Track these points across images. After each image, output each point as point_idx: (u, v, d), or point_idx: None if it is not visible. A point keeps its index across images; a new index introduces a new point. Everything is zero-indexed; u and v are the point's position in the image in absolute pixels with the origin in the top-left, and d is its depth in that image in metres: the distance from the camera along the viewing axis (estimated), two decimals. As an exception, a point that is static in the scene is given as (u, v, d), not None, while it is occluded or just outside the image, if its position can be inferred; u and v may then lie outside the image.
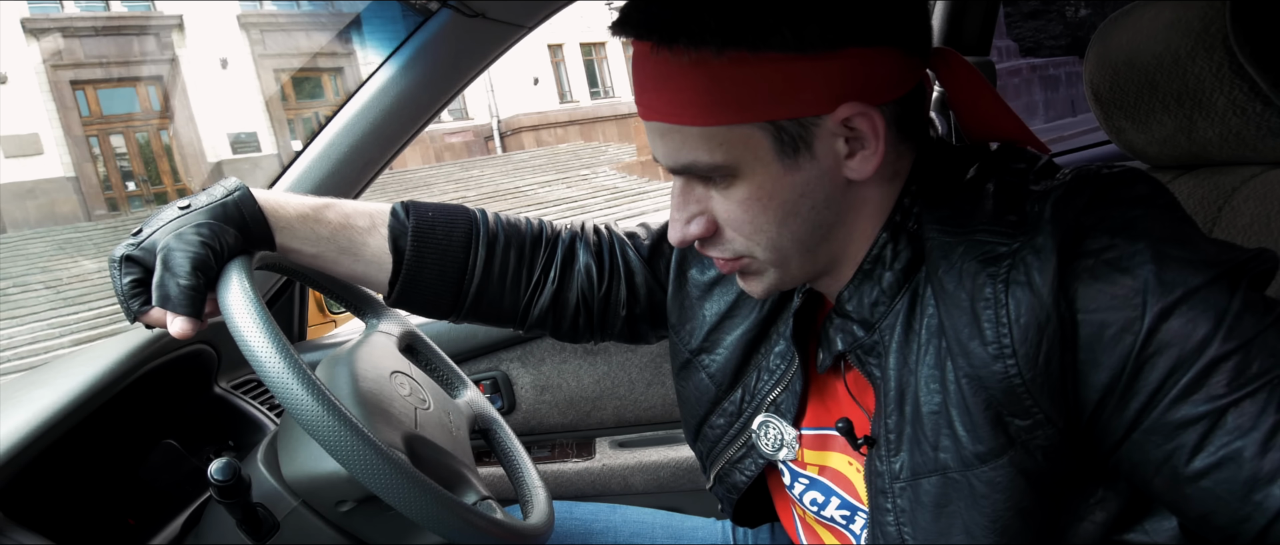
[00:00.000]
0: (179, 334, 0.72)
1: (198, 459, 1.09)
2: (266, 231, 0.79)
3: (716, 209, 0.66)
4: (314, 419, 0.65)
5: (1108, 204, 0.59)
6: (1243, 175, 0.91)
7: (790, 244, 0.66)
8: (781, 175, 0.62)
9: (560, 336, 0.97)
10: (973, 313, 0.59)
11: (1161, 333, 0.54)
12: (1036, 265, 0.57)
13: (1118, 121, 1.02)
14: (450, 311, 0.91)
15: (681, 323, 0.88)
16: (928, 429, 0.63)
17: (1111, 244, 0.56)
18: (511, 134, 21.19)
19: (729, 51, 0.58)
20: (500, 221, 0.92)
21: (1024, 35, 17.33)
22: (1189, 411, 0.54)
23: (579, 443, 1.68)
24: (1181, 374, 0.54)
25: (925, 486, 0.64)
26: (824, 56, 0.59)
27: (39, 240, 13.52)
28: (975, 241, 0.61)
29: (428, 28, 1.21)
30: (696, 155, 0.63)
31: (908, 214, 0.66)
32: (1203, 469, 0.55)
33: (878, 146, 0.62)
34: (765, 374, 0.80)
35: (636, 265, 0.94)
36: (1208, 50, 0.86)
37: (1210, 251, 0.56)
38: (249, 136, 17.87)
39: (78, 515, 0.94)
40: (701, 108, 0.60)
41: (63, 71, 16.25)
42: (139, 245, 0.73)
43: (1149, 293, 0.55)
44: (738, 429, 0.83)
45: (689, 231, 0.68)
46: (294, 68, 19.02)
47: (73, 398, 0.87)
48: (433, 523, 0.69)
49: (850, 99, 0.60)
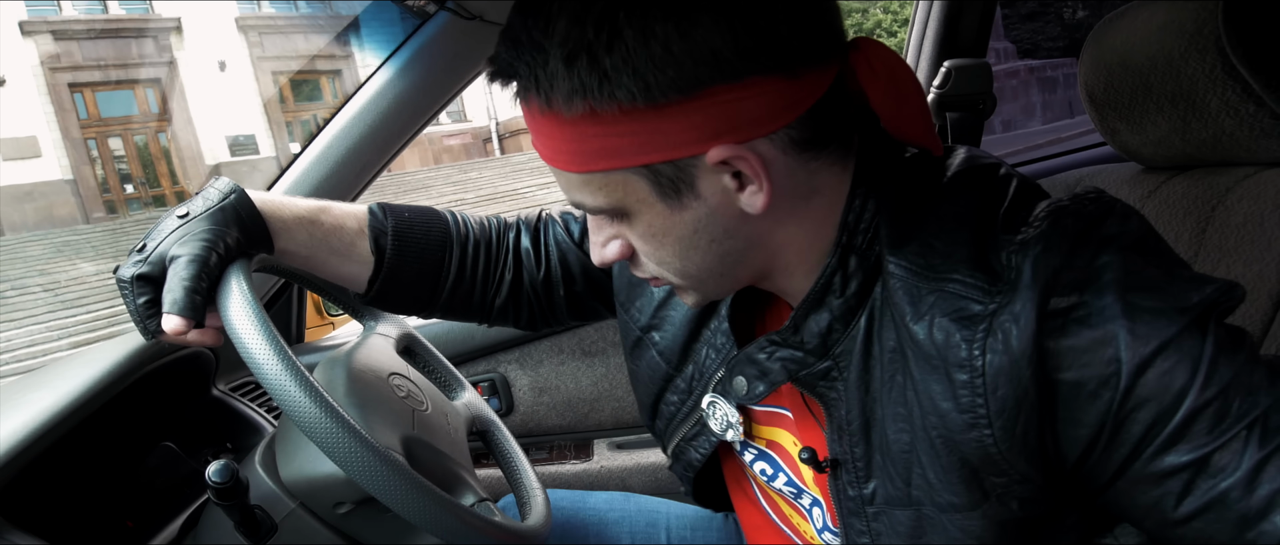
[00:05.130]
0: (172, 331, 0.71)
1: (196, 461, 1.09)
2: (263, 231, 0.79)
3: (627, 235, 0.66)
4: (311, 421, 0.65)
5: (1077, 253, 0.56)
6: (1236, 176, 0.92)
7: (700, 271, 0.65)
8: (668, 214, 0.60)
9: (521, 326, 1.00)
10: (946, 374, 0.57)
11: (1139, 388, 0.54)
12: (1015, 332, 0.55)
13: (1112, 123, 1.03)
14: (425, 308, 0.93)
15: (630, 300, 0.88)
16: (898, 464, 0.63)
17: (1080, 301, 0.54)
18: (510, 136, 21.16)
19: (580, 106, 0.55)
20: (469, 221, 0.94)
21: (1022, 37, 17.33)
22: (1173, 460, 0.54)
23: (577, 444, 1.68)
24: (1163, 426, 0.54)
25: (899, 516, 0.65)
26: (679, 103, 0.55)
27: (37, 243, 13.49)
28: (947, 293, 0.58)
29: (425, 30, 1.21)
30: (582, 198, 0.62)
31: (854, 232, 0.63)
32: (1192, 512, 0.54)
33: (764, 183, 0.58)
34: (713, 351, 0.80)
35: (567, 245, 0.95)
36: (1201, 52, 0.87)
37: (1179, 295, 0.54)
38: (247, 139, 17.85)
39: (76, 517, 0.94)
40: (572, 156, 0.59)
41: (61, 74, 16.23)
42: (147, 260, 0.72)
43: (1123, 348, 0.53)
44: (690, 407, 0.83)
45: (606, 255, 0.68)
46: (292, 70, 19.00)
47: (71, 400, 0.87)
48: (430, 524, 0.70)
49: (721, 141, 0.56)
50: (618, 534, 1.10)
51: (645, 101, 0.54)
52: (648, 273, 0.68)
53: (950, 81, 1.67)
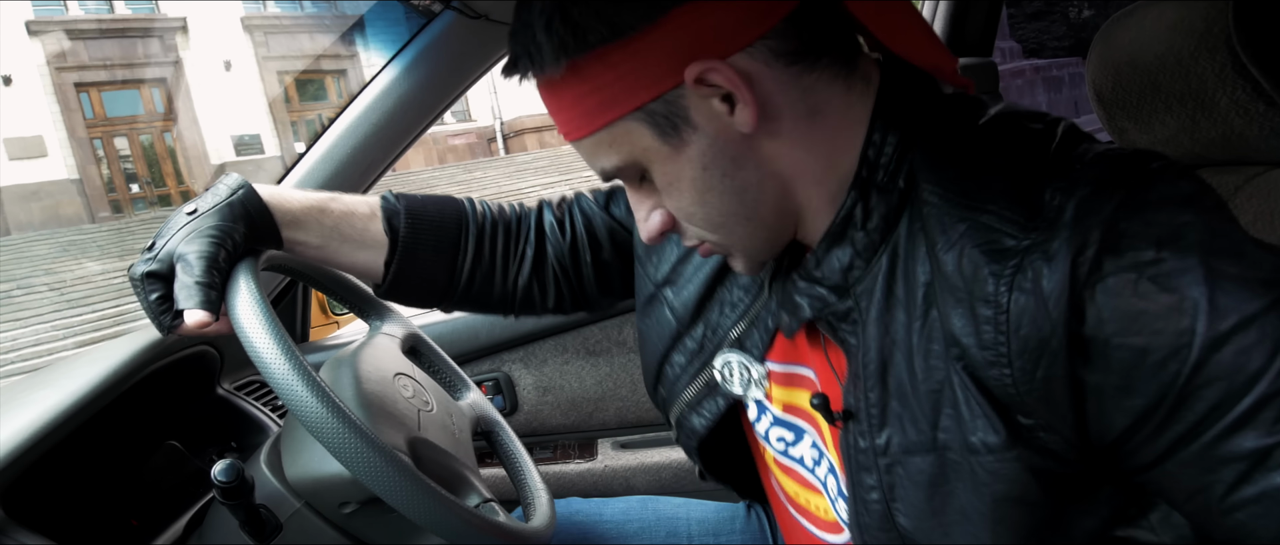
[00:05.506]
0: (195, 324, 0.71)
1: (201, 460, 1.09)
2: (272, 226, 0.79)
3: (664, 201, 0.67)
4: (317, 420, 0.65)
5: (1149, 206, 0.51)
6: (1245, 175, 0.91)
7: (725, 219, 0.65)
8: (675, 156, 0.61)
9: (548, 309, 0.99)
10: (970, 309, 0.55)
11: (1211, 364, 0.49)
12: (1046, 272, 0.51)
13: (1120, 122, 1.02)
14: (444, 296, 0.92)
15: (648, 255, 0.88)
16: (925, 405, 0.60)
17: (1158, 257, 0.49)
18: (515, 135, 21.18)
19: (564, 64, 0.59)
20: (486, 205, 0.95)
21: (1027, 36, 17.30)
22: (1234, 447, 0.49)
23: (581, 444, 1.68)
24: (1230, 408, 0.49)
25: (918, 464, 0.61)
26: (648, 32, 0.57)
27: (43, 242, 13.53)
28: (980, 224, 0.55)
29: (430, 30, 1.21)
30: (602, 162, 0.64)
31: (875, 167, 0.61)
32: (1240, 502, 0.50)
33: (748, 95, 0.57)
34: (728, 308, 0.79)
35: (593, 211, 0.97)
36: (1211, 51, 0.86)
37: (1267, 268, 0.49)
38: (252, 138, 17.90)
39: (81, 516, 0.94)
40: (576, 119, 0.62)
41: (67, 73, 16.30)
42: (155, 258, 0.73)
43: (1200, 318, 0.48)
44: (698, 366, 0.81)
45: (651, 226, 0.68)
46: (297, 70, 19.06)
47: (76, 399, 0.88)
48: (435, 525, 0.69)
49: (693, 59, 0.57)
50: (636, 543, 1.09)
51: (615, 38, 0.57)
52: (691, 238, 0.69)
53: (956, 81, 1.66)
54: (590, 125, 0.61)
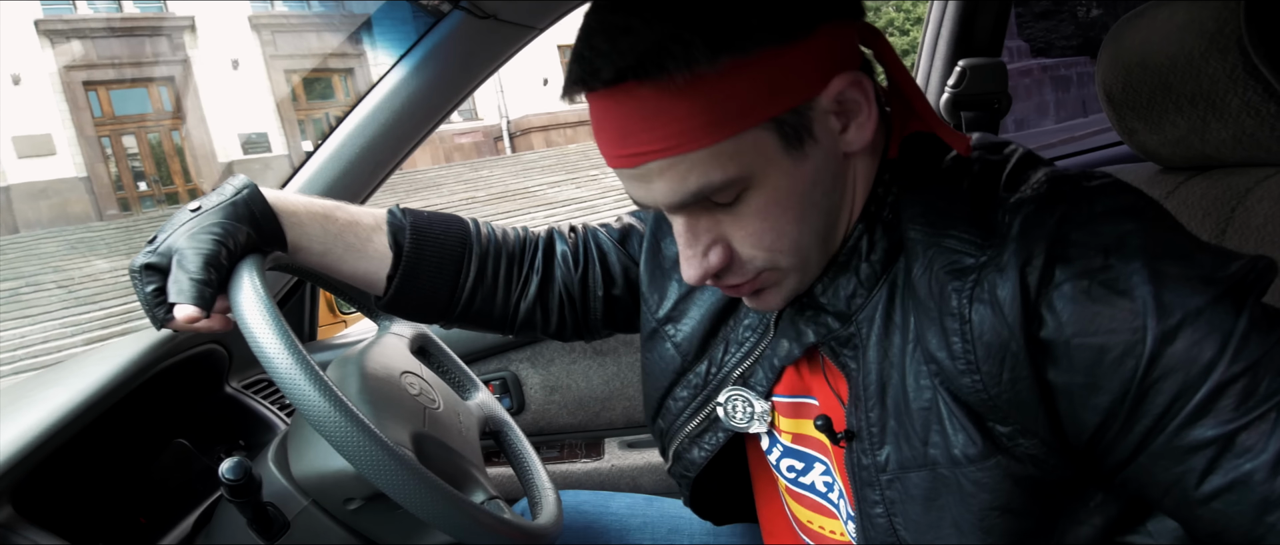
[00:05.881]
0: (183, 319, 0.72)
1: (209, 458, 1.09)
2: (277, 229, 0.79)
3: (729, 232, 0.64)
4: (322, 415, 0.65)
5: (1095, 218, 0.57)
6: (1256, 176, 0.91)
7: (811, 239, 0.65)
8: (793, 169, 0.61)
9: (549, 334, 0.99)
10: (940, 324, 0.60)
11: (1165, 357, 0.53)
12: (999, 283, 0.57)
13: (1130, 122, 1.02)
14: (444, 313, 0.92)
15: (651, 291, 0.88)
16: (917, 423, 0.63)
17: (1106, 263, 0.54)
18: (521, 134, 21.22)
19: (722, 61, 0.56)
20: (491, 229, 0.94)
21: (1035, 35, 17.24)
22: (1197, 435, 0.53)
23: (588, 443, 1.68)
24: (1188, 398, 0.53)
25: (914, 480, 0.64)
26: (806, 40, 0.58)
27: (51, 240, 13.59)
28: (945, 247, 0.61)
29: (439, 29, 1.21)
30: (707, 178, 0.59)
31: (882, 203, 0.66)
32: (1213, 492, 0.53)
33: (871, 110, 0.62)
34: (733, 346, 0.80)
35: (609, 246, 0.96)
36: (1222, 51, 0.86)
37: (1208, 266, 0.54)
38: (260, 137, 17.94)
39: (90, 514, 0.94)
40: (704, 127, 0.57)
41: (75, 72, 16.35)
42: (156, 251, 0.73)
43: (1149, 315, 0.53)
44: (700, 402, 0.82)
45: (710, 263, 0.64)
46: (305, 68, 19.09)
47: (85, 397, 0.88)
48: (440, 521, 0.70)
49: (838, 72, 0.60)
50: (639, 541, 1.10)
51: (780, 42, 0.58)
52: (750, 271, 0.66)
53: (965, 80, 1.66)
54: (721, 133, 0.58)
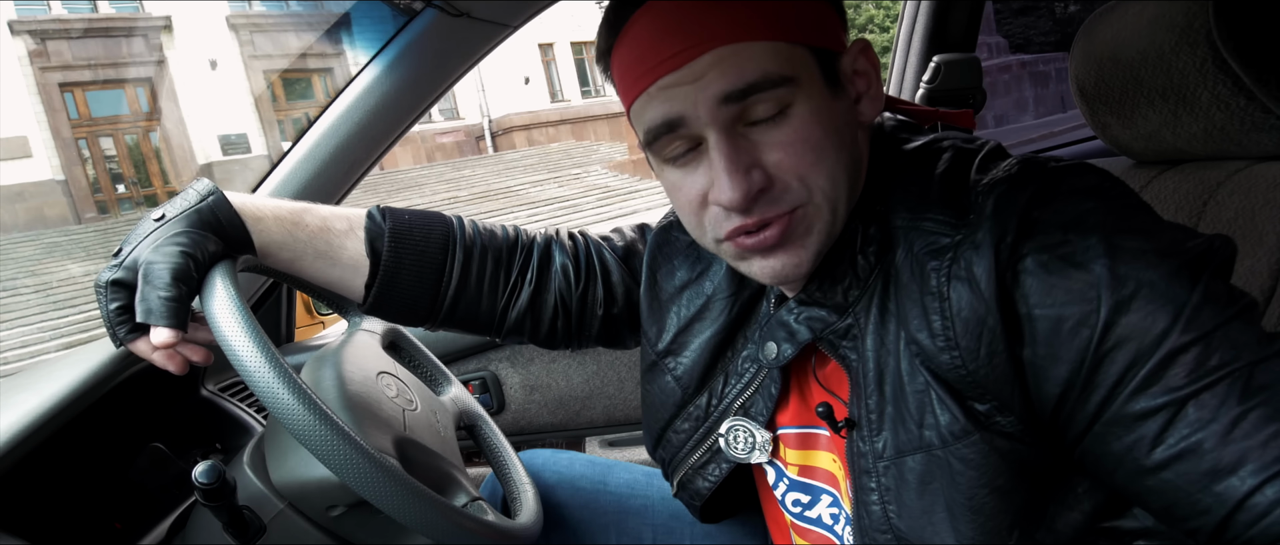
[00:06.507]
0: (160, 344, 0.70)
1: (185, 462, 1.08)
2: (244, 235, 0.78)
3: (768, 158, 0.63)
4: (305, 427, 0.64)
5: (1058, 197, 0.59)
6: (1227, 170, 0.92)
7: (842, 177, 0.65)
8: (830, 100, 0.64)
9: (538, 342, 0.97)
10: (921, 304, 0.62)
11: (1119, 326, 0.54)
12: (975, 259, 0.58)
13: (1103, 117, 1.03)
14: (427, 317, 0.90)
15: (650, 324, 0.87)
16: (912, 407, 0.64)
17: (1064, 239, 0.57)
18: (503, 133, 21.16)
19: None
20: (476, 227, 0.92)
21: (1013, 31, 17.34)
22: (1148, 403, 0.54)
23: (568, 442, 1.68)
24: (1140, 366, 0.54)
25: (909, 464, 0.65)
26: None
27: (28, 243, 13.45)
28: (923, 230, 0.63)
29: (412, 27, 1.20)
30: (766, 67, 0.61)
31: (875, 199, 0.68)
32: (1163, 460, 0.54)
33: (878, 85, 0.67)
34: (733, 378, 0.80)
35: (613, 264, 0.95)
36: (1191, 46, 0.87)
37: (1165, 241, 0.56)
38: (239, 137, 17.80)
39: (64, 519, 0.93)
40: (767, 23, 0.62)
41: (51, 73, 16.17)
42: (121, 265, 0.72)
43: (1103, 287, 0.55)
44: (702, 434, 0.82)
45: (753, 180, 0.62)
46: (283, 68, 18.98)
47: (57, 401, 0.87)
48: (426, 527, 0.69)
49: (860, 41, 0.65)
50: (638, 528, 1.08)
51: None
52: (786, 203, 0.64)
53: (940, 76, 1.67)
54: (782, 33, 0.62)
